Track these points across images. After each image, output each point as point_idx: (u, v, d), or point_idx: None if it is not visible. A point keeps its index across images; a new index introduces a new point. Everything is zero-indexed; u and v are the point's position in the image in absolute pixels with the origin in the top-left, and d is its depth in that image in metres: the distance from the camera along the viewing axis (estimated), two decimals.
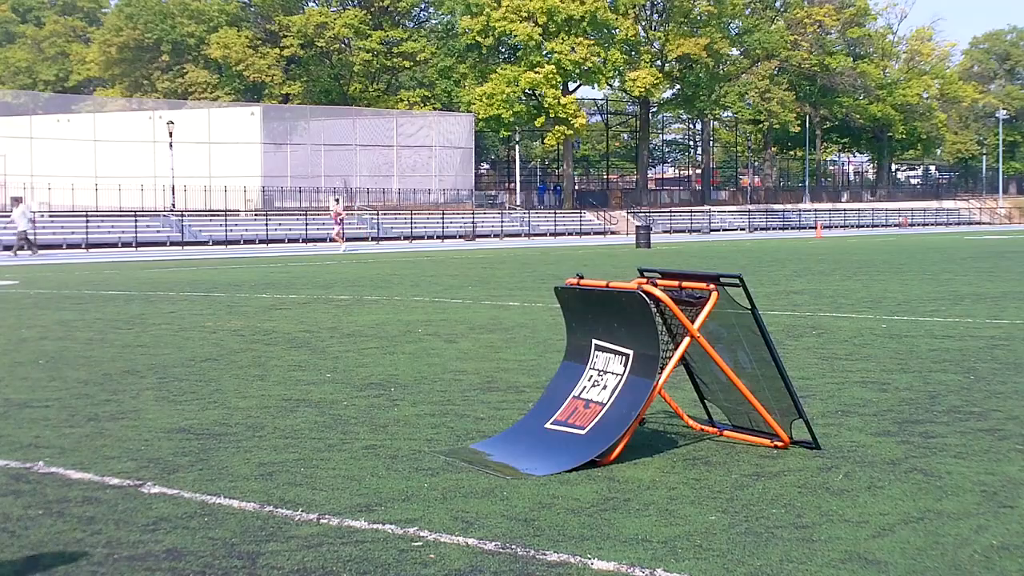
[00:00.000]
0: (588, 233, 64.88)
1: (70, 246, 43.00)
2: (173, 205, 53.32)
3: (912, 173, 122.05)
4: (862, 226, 79.26)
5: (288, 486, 5.00)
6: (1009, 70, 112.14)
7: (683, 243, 49.48)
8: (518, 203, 72.35)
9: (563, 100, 65.72)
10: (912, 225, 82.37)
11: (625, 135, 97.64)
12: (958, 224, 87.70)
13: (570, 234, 63.40)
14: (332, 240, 42.40)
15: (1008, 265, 24.26)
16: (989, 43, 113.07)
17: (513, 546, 4.07)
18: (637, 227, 47.61)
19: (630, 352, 5.62)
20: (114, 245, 43.94)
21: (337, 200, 43.81)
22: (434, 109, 72.62)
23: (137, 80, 77.25)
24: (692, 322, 5.58)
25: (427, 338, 10.89)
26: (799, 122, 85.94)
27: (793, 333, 10.92)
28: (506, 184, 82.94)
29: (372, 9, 74.89)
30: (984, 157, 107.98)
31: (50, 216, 48.58)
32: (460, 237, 55.34)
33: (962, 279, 19.43)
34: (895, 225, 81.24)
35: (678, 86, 76.98)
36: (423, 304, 15.14)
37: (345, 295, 17.04)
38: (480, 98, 65.22)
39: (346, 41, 73.74)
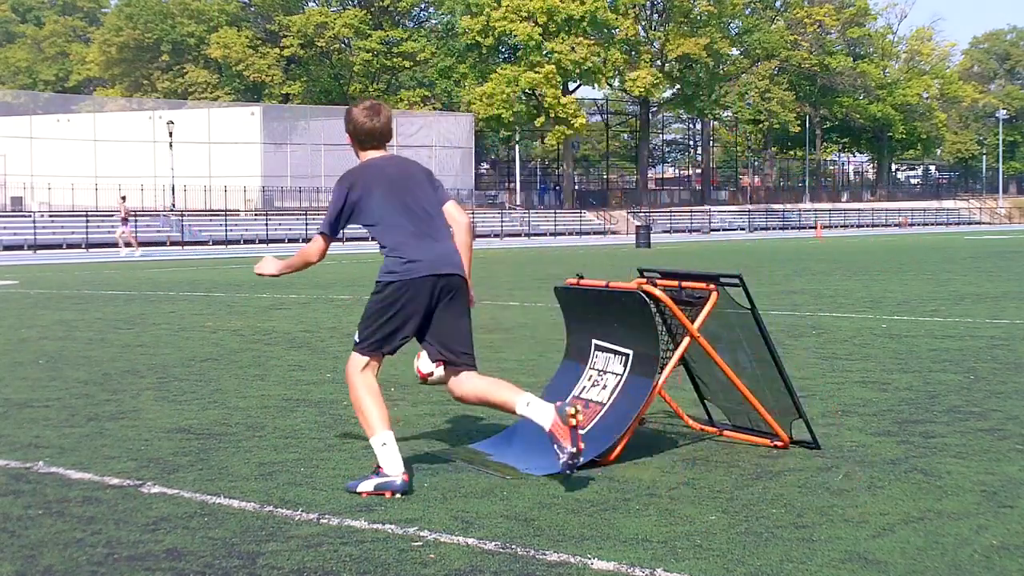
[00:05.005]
0: (588, 233, 64.89)
1: (70, 246, 43.01)
2: (173, 205, 53.32)
3: (912, 173, 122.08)
4: (862, 226, 79.30)
5: (288, 486, 5.00)
6: (1009, 70, 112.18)
7: (683, 243, 49.48)
8: (518, 203, 72.35)
9: (563, 100, 65.75)
10: (912, 225, 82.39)
11: (625, 135, 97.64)
12: (958, 224, 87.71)
13: (570, 234, 63.41)
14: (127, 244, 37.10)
15: (1008, 265, 24.25)
16: (989, 43, 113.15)
17: (513, 546, 4.07)
18: (637, 227, 47.66)
19: (630, 352, 5.62)
20: (114, 245, 43.94)
21: (123, 198, 39.82)
22: (434, 109, 72.62)
23: (137, 80, 77.27)
24: (692, 322, 5.57)
25: None
26: (799, 122, 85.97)
27: (793, 333, 10.91)
28: (506, 184, 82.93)
29: (372, 9, 74.87)
30: (984, 157, 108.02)
31: (50, 216, 48.58)
32: None
33: (962, 279, 19.42)
34: (895, 225, 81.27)
35: (678, 86, 77.01)
36: None
37: (345, 295, 17.04)
38: (480, 98, 65.22)
39: (346, 41, 73.73)
